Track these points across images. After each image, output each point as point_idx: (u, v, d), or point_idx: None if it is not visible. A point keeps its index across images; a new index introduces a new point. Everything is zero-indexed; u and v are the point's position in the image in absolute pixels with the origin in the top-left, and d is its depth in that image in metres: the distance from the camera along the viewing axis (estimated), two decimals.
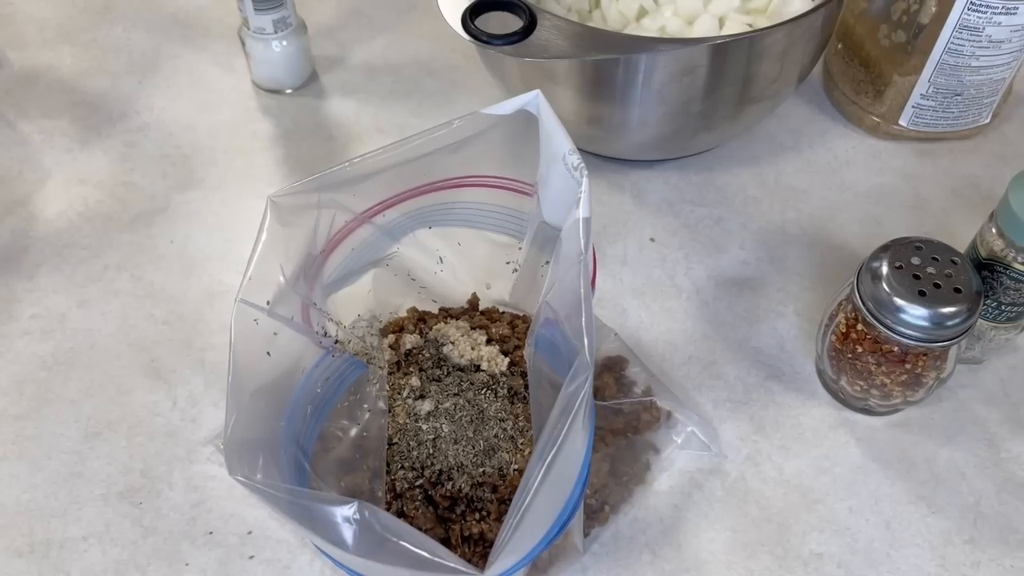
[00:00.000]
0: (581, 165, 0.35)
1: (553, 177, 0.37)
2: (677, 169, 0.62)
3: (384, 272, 0.44)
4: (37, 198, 0.60)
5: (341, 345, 0.41)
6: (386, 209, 0.41)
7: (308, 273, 0.38)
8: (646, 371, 0.49)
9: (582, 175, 0.34)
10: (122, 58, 0.70)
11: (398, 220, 0.42)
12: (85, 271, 0.56)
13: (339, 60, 0.70)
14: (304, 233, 0.37)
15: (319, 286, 0.40)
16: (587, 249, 0.33)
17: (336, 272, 0.41)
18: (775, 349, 0.52)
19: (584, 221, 0.33)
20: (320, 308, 0.40)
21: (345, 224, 0.40)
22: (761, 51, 0.52)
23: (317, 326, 0.40)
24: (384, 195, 0.40)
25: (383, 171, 0.38)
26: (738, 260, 0.57)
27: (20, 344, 0.52)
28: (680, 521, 0.45)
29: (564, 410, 0.31)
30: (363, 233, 0.41)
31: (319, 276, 0.39)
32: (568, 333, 0.34)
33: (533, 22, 0.48)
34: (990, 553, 0.44)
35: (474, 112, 0.37)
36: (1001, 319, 0.47)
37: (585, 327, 0.32)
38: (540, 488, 0.30)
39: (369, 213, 0.40)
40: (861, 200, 0.60)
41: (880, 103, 0.62)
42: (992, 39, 0.55)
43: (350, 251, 0.41)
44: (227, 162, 0.63)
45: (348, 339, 0.42)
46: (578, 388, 0.31)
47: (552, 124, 0.36)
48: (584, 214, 0.33)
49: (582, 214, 0.33)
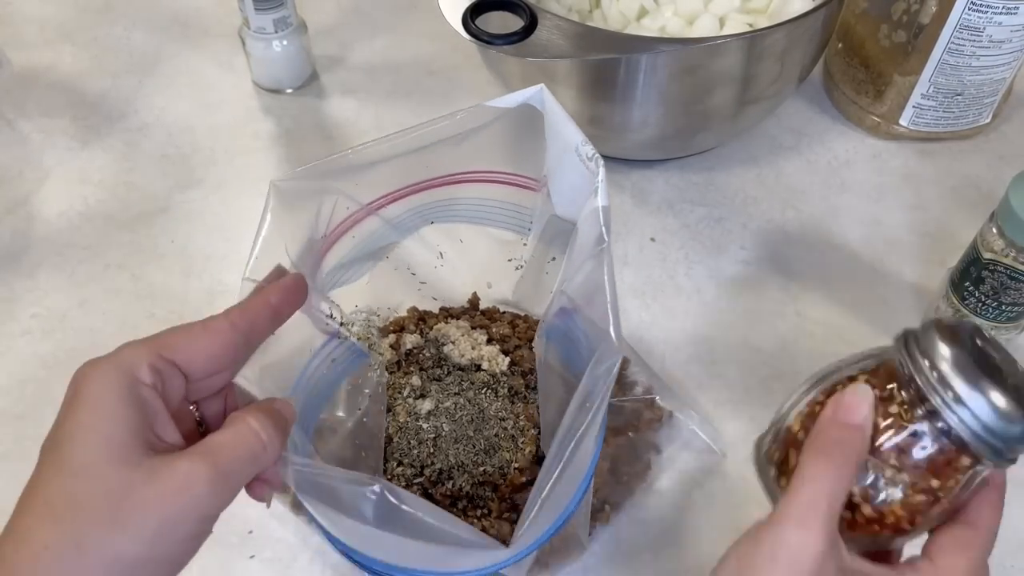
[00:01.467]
0: (596, 155, 0.35)
1: (565, 170, 0.37)
2: (678, 169, 0.62)
3: (384, 266, 0.44)
4: (37, 198, 0.60)
5: (345, 328, 0.41)
6: (390, 203, 0.41)
7: (311, 257, 0.38)
8: (647, 371, 0.49)
9: (598, 165, 0.34)
10: (122, 58, 0.70)
11: (401, 215, 0.42)
12: (86, 270, 0.56)
13: (340, 60, 0.70)
14: (307, 218, 0.37)
15: (320, 274, 0.40)
16: (609, 236, 0.33)
17: (338, 261, 0.41)
18: (776, 349, 0.52)
19: (603, 209, 0.34)
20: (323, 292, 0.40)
21: (349, 215, 0.40)
22: (761, 51, 0.52)
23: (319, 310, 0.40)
24: (387, 188, 0.40)
25: (386, 160, 0.38)
26: (738, 260, 0.57)
27: (21, 344, 0.52)
28: (681, 521, 0.45)
29: (592, 393, 0.31)
30: (366, 225, 0.41)
31: (320, 263, 0.39)
32: (590, 321, 0.34)
33: (534, 22, 0.48)
34: (992, 554, 0.44)
35: (477, 104, 0.37)
36: (1001, 319, 0.47)
37: (612, 313, 0.32)
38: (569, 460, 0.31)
39: (374, 206, 0.40)
40: (861, 200, 0.60)
41: (880, 103, 0.62)
42: (993, 39, 0.55)
43: (351, 240, 0.41)
44: (227, 161, 0.63)
45: (351, 322, 0.42)
46: (606, 371, 0.31)
47: (561, 117, 0.36)
48: (603, 202, 0.34)
49: (601, 202, 0.34)
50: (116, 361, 0.28)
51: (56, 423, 0.27)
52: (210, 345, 0.29)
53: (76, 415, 0.27)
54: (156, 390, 0.28)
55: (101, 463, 0.26)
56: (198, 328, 0.30)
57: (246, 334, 0.30)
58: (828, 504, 0.27)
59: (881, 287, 0.55)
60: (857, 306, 0.54)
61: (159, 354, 0.28)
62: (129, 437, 0.26)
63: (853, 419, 0.28)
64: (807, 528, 0.26)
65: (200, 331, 0.30)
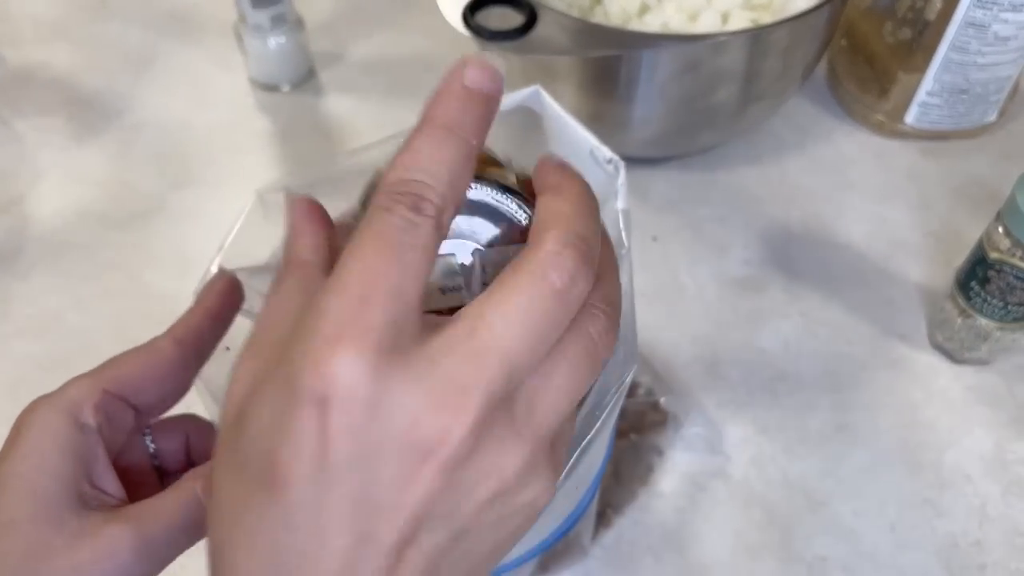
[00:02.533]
0: (615, 158, 0.34)
1: None
2: (680, 167, 0.61)
3: None
4: (32, 197, 0.60)
5: None
6: None
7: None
8: (650, 372, 0.48)
9: (618, 168, 0.34)
10: (118, 55, 0.69)
11: None
12: (80, 270, 0.56)
13: (337, 56, 0.69)
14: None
15: None
16: (629, 241, 0.33)
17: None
18: (779, 350, 0.52)
19: (624, 212, 0.33)
20: None
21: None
22: (765, 48, 0.52)
23: None
24: None
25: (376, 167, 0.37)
26: (742, 260, 0.56)
27: (15, 344, 0.52)
28: (683, 524, 0.45)
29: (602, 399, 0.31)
30: None
31: None
32: None
33: (534, 18, 0.48)
34: (996, 556, 0.44)
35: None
36: (1008, 319, 0.47)
37: (630, 319, 0.32)
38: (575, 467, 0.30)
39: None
40: (866, 199, 0.60)
41: (886, 101, 0.62)
42: (999, 36, 0.54)
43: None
44: (224, 160, 0.62)
45: None
46: (619, 378, 0.31)
47: (565, 120, 0.36)
48: (622, 206, 0.33)
49: (620, 206, 0.33)
50: (60, 403, 0.26)
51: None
52: (158, 369, 0.28)
53: (10, 461, 0.25)
54: (100, 433, 0.26)
55: (25, 520, 0.25)
56: (143, 354, 0.28)
57: (194, 346, 0.29)
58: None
59: (886, 287, 0.55)
60: (861, 306, 0.53)
61: (105, 390, 0.27)
62: (60, 492, 0.25)
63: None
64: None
65: (146, 356, 0.28)
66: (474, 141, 0.21)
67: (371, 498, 0.19)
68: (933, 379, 0.50)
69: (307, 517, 0.19)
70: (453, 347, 0.19)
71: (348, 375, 0.18)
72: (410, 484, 0.19)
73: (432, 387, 0.18)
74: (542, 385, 0.20)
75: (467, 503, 0.19)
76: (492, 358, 0.19)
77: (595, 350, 0.21)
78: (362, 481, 0.19)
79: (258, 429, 0.19)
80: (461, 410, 0.18)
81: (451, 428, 0.18)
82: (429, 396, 0.18)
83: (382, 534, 0.19)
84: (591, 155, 0.35)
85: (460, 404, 0.18)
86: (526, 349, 0.19)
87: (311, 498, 0.19)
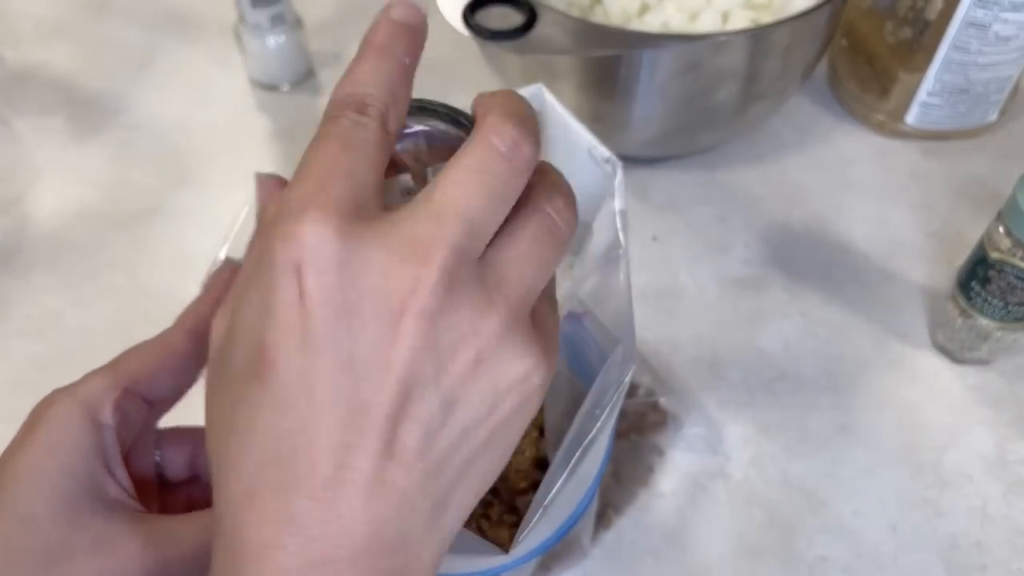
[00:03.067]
0: (613, 157, 0.34)
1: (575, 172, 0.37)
2: (680, 167, 0.61)
3: None
4: (31, 196, 0.60)
5: None
6: None
7: None
8: (650, 372, 0.48)
9: (615, 167, 0.34)
10: (117, 55, 0.69)
11: None
12: (80, 270, 0.55)
13: (337, 56, 0.69)
14: None
15: None
16: (627, 241, 0.33)
17: None
18: (780, 350, 0.52)
19: (621, 213, 0.33)
20: None
21: None
22: (765, 47, 0.52)
23: None
24: None
25: None
26: (742, 259, 0.56)
27: (14, 345, 0.52)
28: (683, 524, 0.45)
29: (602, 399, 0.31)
30: None
31: None
32: (601, 326, 0.33)
33: (534, 17, 0.48)
34: (997, 556, 0.44)
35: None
36: (1008, 319, 0.47)
37: (629, 319, 0.32)
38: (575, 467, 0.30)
39: None
40: (867, 199, 0.60)
41: (886, 100, 0.62)
42: (999, 36, 0.54)
43: None
44: (223, 160, 0.62)
45: None
46: (618, 378, 0.31)
47: (566, 119, 0.36)
48: (620, 206, 0.33)
49: (618, 206, 0.33)
50: (80, 398, 0.26)
51: (8, 452, 0.26)
52: (172, 363, 0.28)
53: (31, 454, 0.25)
54: (118, 433, 0.26)
55: (47, 518, 0.24)
56: (157, 347, 0.28)
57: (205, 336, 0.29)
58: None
59: (886, 286, 0.55)
60: (862, 306, 0.53)
61: (125, 388, 0.27)
62: (81, 492, 0.25)
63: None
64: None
65: (160, 350, 0.28)
66: (407, 60, 0.22)
67: (356, 361, 0.19)
68: (934, 379, 0.50)
69: (298, 393, 0.19)
70: (413, 211, 0.20)
71: (316, 235, 0.19)
72: (392, 342, 0.19)
73: (397, 243, 0.19)
74: (507, 256, 0.21)
75: (452, 365, 0.19)
76: (450, 214, 0.19)
77: (555, 226, 0.21)
78: (346, 345, 0.19)
79: (245, 328, 0.20)
80: (428, 260, 0.19)
81: (420, 277, 0.19)
82: (395, 252, 0.19)
83: (373, 401, 0.19)
84: (589, 154, 0.35)
85: (426, 255, 0.19)
86: (481, 206, 0.20)
87: (298, 370, 0.19)
